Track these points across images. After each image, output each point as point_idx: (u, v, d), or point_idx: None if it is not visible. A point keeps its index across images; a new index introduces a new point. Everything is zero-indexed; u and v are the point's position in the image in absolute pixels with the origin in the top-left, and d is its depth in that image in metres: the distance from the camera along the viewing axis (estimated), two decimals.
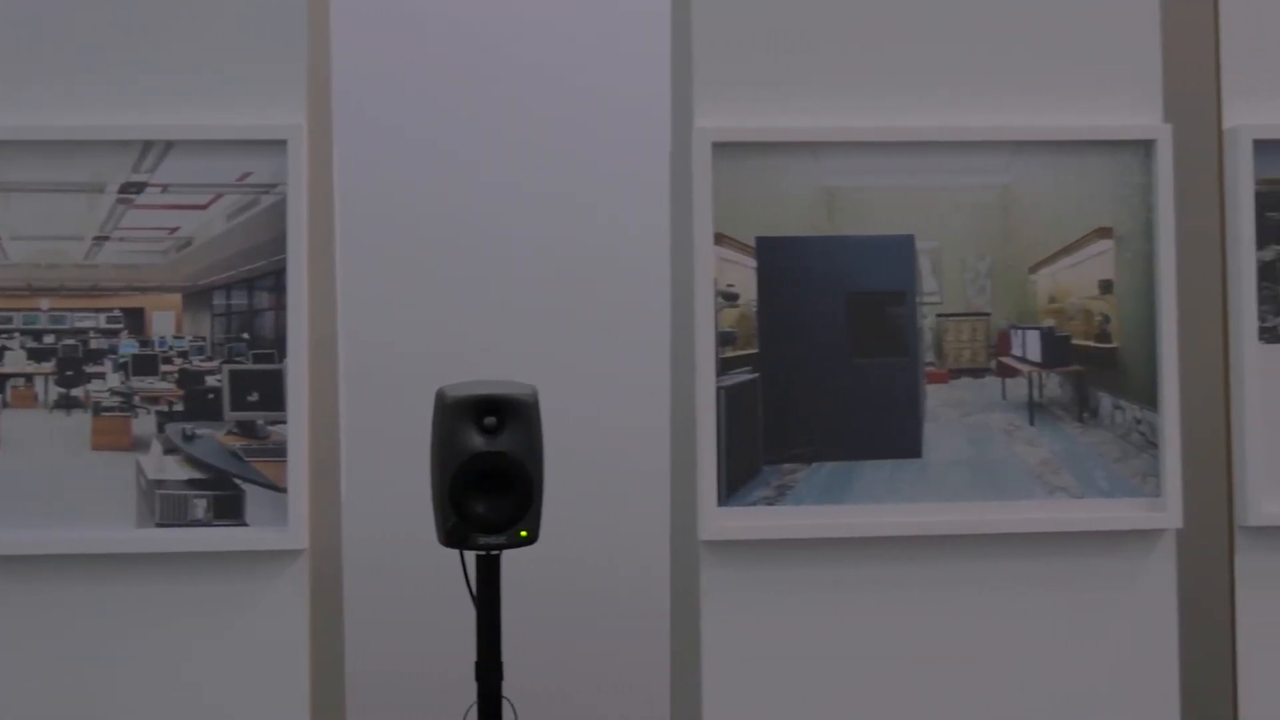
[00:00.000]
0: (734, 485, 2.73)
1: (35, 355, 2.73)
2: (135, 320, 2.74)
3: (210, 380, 2.74)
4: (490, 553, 2.73)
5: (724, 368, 2.74)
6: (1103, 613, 2.80)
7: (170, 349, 2.74)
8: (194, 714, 2.71)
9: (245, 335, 2.74)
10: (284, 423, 2.72)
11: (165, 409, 2.73)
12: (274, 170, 2.72)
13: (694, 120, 2.75)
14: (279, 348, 2.73)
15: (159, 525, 2.72)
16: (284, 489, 2.71)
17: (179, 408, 2.73)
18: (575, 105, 4.08)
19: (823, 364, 2.75)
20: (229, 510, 2.73)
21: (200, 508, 2.73)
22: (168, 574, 2.71)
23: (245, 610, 2.72)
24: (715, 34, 2.76)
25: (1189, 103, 2.89)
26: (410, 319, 3.98)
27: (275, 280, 2.73)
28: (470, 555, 2.76)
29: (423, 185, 4.03)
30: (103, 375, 2.73)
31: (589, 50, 4.08)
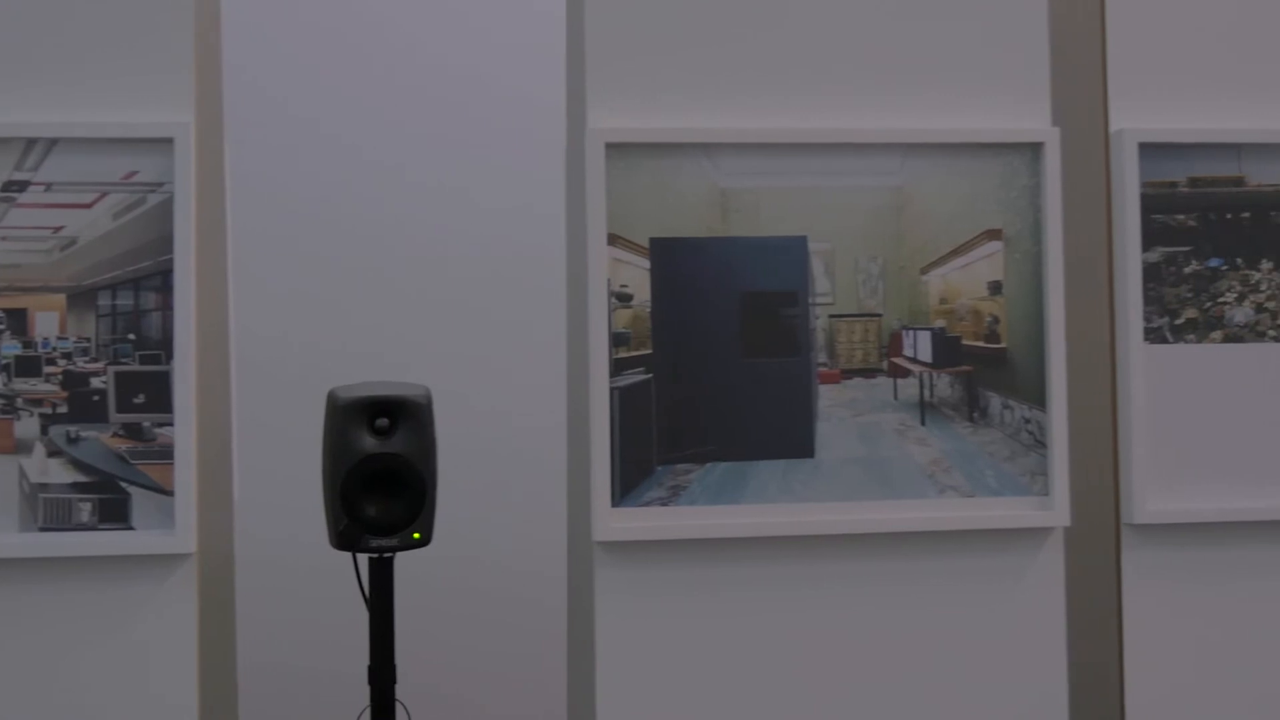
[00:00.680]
0: (628, 486, 2.73)
1: None
2: (18, 321, 2.69)
3: (95, 382, 2.69)
4: (383, 555, 2.71)
5: (618, 368, 2.74)
6: (992, 610, 2.83)
7: (54, 350, 2.69)
8: None
9: (131, 336, 2.70)
10: (171, 425, 2.68)
11: (49, 411, 2.68)
12: (160, 168, 2.68)
13: (587, 121, 2.75)
14: (166, 349, 2.69)
15: (42, 529, 2.67)
16: (171, 492, 2.67)
17: (63, 410, 2.69)
18: (475, 104, 4.06)
19: (716, 364, 2.76)
20: (114, 514, 2.68)
21: (85, 511, 2.68)
22: (52, 579, 2.66)
23: (132, 615, 2.68)
24: (609, 34, 2.76)
25: (1076, 107, 2.93)
26: (305, 319, 3.94)
27: (163, 280, 2.69)
28: (363, 558, 2.73)
29: (318, 184, 3.99)
30: None
31: (489, 50, 4.06)
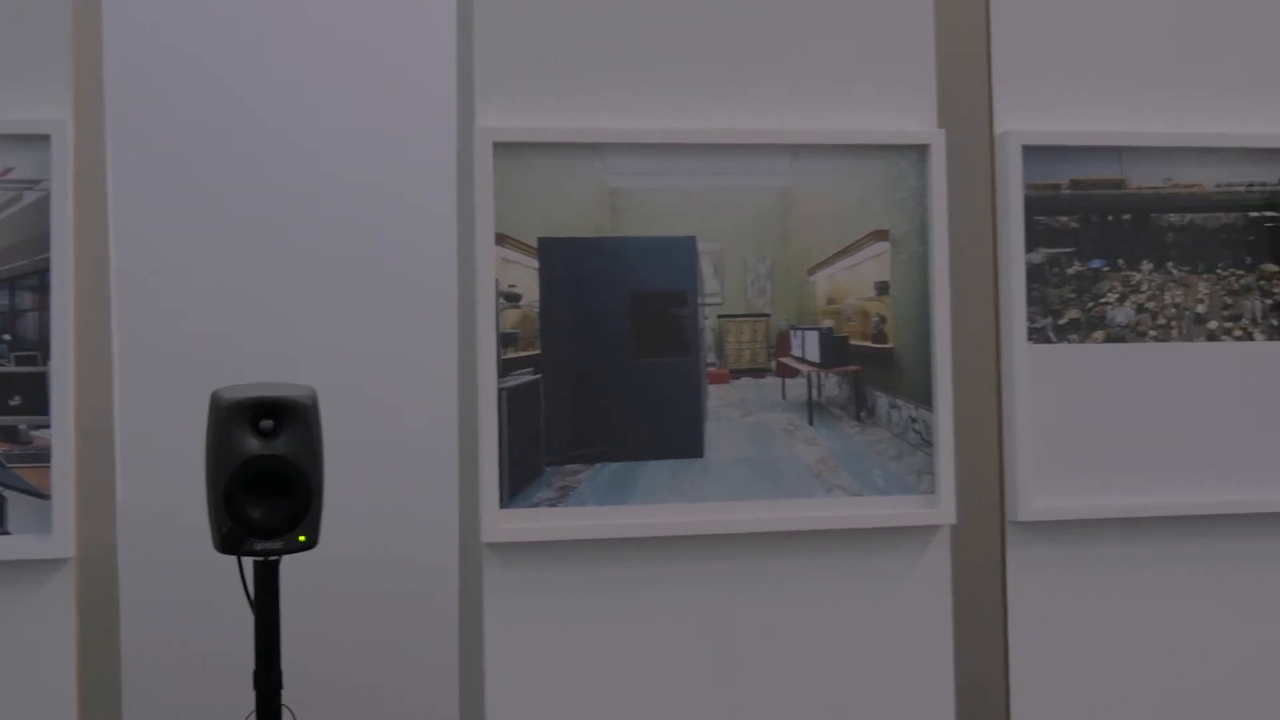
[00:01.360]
0: (516, 487, 2.72)
1: None
2: None
3: None
4: (268, 559, 2.67)
5: (506, 369, 2.72)
6: (880, 607, 2.85)
7: None
8: None
9: (6, 337, 2.64)
10: (48, 427, 2.63)
11: None
12: (37, 165, 2.62)
13: (476, 120, 2.73)
14: (43, 350, 2.63)
15: None
16: (48, 496, 2.62)
17: None
18: (366, 102, 4.03)
19: (605, 364, 2.76)
20: None
21: None
22: None
23: (8, 622, 2.62)
24: (497, 33, 2.74)
25: (962, 109, 2.96)
26: (191, 318, 3.88)
27: (39, 279, 2.64)
28: (248, 561, 2.70)
29: (204, 182, 3.94)
30: None
31: (381, 47, 4.03)
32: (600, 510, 2.75)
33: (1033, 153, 2.91)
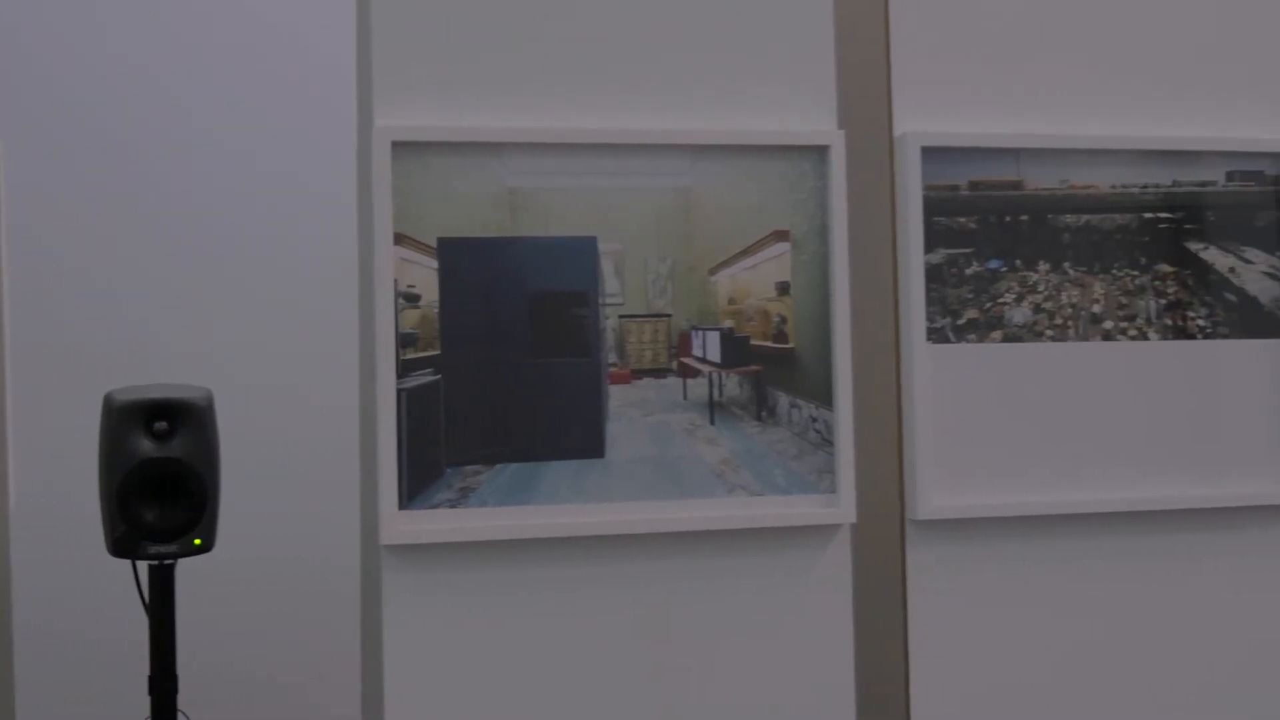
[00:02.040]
0: (416, 488, 2.70)
1: None
2: None
3: None
4: (163, 562, 2.64)
5: (405, 369, 2.70)
6: (782, 606, 2.87)
7: None
8: None
9: None
10: None
11: None
12: None
13: (374, 119, 2.71)
14: None
15: None
16: None
17: None
18: (266, 98, 3.99)
19: (505, 365, 2.75)
20: None
21: None
22: None
23: None
24: (395, 31, 2.72)
25: (861, 110, 2.98)
26: (84, 318, 3.82)
27: None
28: (142, 565, 2.67)
29: (98, 180, 3.87)
30: None
31: (281, 44, 3.99)
32: (501, 511, 2.74)
33: (931, 154, 2.94)
